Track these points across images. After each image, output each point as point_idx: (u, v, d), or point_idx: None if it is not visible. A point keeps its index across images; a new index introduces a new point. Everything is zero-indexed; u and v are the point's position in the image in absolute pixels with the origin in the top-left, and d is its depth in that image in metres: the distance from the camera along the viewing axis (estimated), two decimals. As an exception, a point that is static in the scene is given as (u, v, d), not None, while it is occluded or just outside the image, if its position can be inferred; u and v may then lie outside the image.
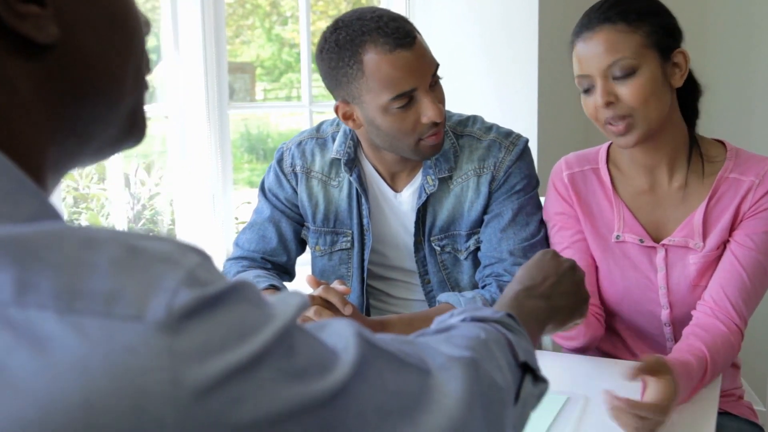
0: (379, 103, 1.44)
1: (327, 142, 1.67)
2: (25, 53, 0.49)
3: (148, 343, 0.39)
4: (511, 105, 2.30)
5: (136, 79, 0.58)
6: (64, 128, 0.53)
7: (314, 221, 1.67)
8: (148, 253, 0.43)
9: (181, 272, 0.42)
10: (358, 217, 1.64)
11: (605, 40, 1.36)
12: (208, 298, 0.42)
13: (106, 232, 0.43)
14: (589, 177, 1.54)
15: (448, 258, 1.64)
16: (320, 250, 1.69)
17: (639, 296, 1.50)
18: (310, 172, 1.66)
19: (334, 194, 1.65)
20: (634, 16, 1.36)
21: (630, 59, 1.34)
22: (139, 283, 0.41)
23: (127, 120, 0.58)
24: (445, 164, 1.59)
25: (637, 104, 1.35)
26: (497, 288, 1.53)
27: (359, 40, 1.42)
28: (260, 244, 1.69)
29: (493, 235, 1.58)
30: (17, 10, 0.48)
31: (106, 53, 0.54)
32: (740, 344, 1.40)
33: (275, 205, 1.69)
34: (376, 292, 1.74)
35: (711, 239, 1.44)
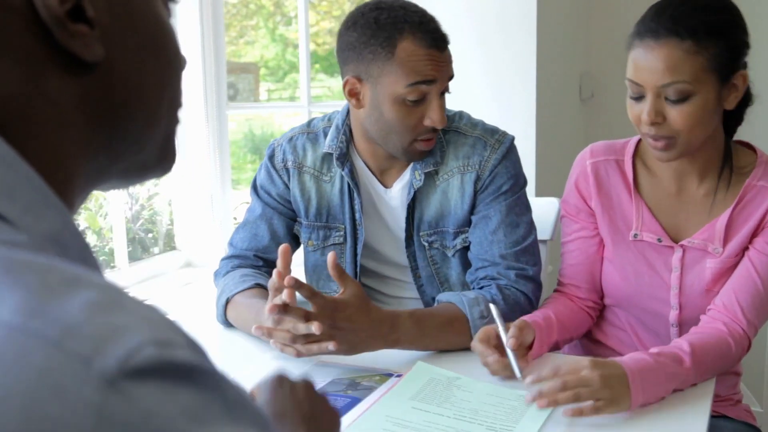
0: (396, 89, 1.46)
1: (318, 137, 1.67)
2: (70, 69, 0.51)
3: (81, 392, 0.36)
4: (509, 104, 2.29)
5: (169, 110, 0.60)
6: (97, 145, 0.54)
7: (307, 216, 1.67)
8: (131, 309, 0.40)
9: (156, 333, 0.39)
10: (350, 211, 1.65)
11: (668, 57, 1.30)
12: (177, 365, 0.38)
13: (100, 281, 0.41)
14: (612, 168, 1.52)
15: (437, 254, 1.64)
16: (313, 244, 1.69)
17: (650, 295, 1.49)
18: (302, 167, 1.66)
19: (326, 189, 1.66)
20: (704, 33, 1.29)
21: (687, 84, 1.30)
22: (104, 328, 0.37)
23: (157, 148, 0.60)
24: (431, 159, 1.59)
25: (683, 129, 1.32)
26: (497, 290, 1.53)
27: (401, 26, 1.45)
28: (252, 242, 1.69)
29: (483, 238, 1.58)
30: (69, 28, 0.50)
31: (145, 78, 0.56)
32: (744, 350, 1.38)
33: (267, 202, 1.69)
34: (369, 291, 1.74)
35: (731, 246, 1.42)
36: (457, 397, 1.26)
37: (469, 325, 1.45)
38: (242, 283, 1.57)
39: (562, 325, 1.47)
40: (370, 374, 1.37)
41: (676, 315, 1.47)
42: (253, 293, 1.54)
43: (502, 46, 2.30)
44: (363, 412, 1.19)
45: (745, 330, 1.37)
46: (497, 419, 1.19)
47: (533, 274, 1.57)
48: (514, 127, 1.91)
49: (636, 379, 1.20)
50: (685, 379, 1.26)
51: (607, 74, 2.77)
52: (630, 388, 1.19)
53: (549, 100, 2.38)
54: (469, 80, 2.35)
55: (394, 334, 1.39)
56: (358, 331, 1.34)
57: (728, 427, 1.51)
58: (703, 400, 1.26)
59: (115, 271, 2.01)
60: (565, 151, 2.62)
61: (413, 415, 1.20)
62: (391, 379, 1.34)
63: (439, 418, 1.19)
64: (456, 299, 1.49)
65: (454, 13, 2.28)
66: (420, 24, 1.46)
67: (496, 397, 1.26)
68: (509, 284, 1.55)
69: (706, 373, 1.31)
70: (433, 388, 1.29)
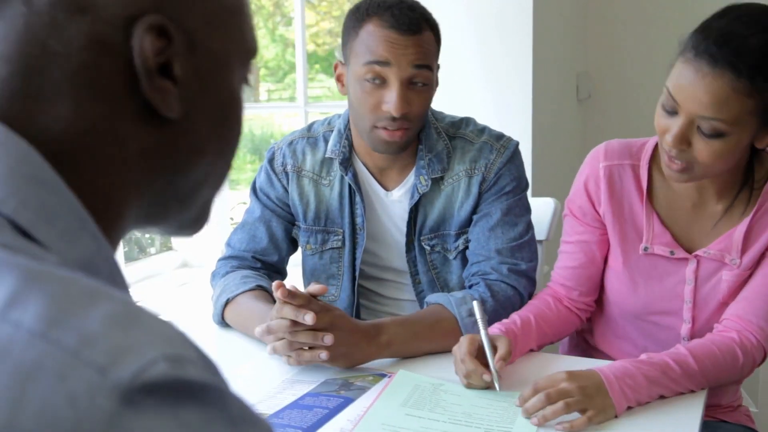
0: (357, 68, 1.48)
1: (318, 142, 1.67)
2: (146, 119, 0.54)
3: (95, 402, 0.37)
4: (506, 104, 2.29)
5: (219, 177, 0.63)
6: (150, 195, 0.57)
7: (305, 220, 1.67)
8: (148, 324, 0.41)
9: (169, 349, 0.40)
10: (350, 216, 1.64)
11: (717, 91, 1.20)
12: (184, 382, 0.40)
13: (120, 295, 0.43)
14: (627, 173, 1.44)
15: (437, 258, 1.64)
16: (311, 248, 1.69)
17: (661, 308, 1.44)
18: (301, 171, 1.67)
19: (325, 193, 1.66)
20: (764, 77, 1.19)
21: (725, 124, 1.21)
22: (122, 340, 0.39)
23: (198, 210, 0.63)
24: (438, 165, 1.60)
25: (705, 162, 1.26)
26: (485, 287, 1.52)
27: (372, 11, 1.48)
28: (251, 243, 1.69)
29: (481, 234, 1.59)
30: (155, 81, 0.53)
31: (209, 144, 0.59)
32: (755, 360, 1.32)
33: (266, 205, 1.70)
34: (367, 292, 1.74)
35: (749, 256, 1.36)
36: (447, 401, 1.25)
37: (459, 325, 1.45)
38: (244, 284, 1.57)
39: (542, 332, 1.45)
40: (363, 374, 1.36)
41: (688, 329, 1.43)
42: (255, 295, 1.54)
43: (498, 45, 2.30)
44: (358, 421, 1.19)
45: (759, 339, 1.31)
46: (493, 421, 1.19)
47: (526, 269, 1.57)
48: (511, 128, 1.91)
49: (613, 385, 1.19)
50: (675, 385, 1.25)
51: (604, 74, 2.77)
52: (610, 395, 1.18)
53: (546, 100, 2.38)
54: (466, 80, 2.35)
55: (382, 336, 1.39)
56: (346, 335, 1.34)
57: (727, 428, 1.50)
58: (694, 407, 1.24)
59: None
60: (563, 152, 2.62)
61: (409, 422, 1.19)
62: (384, 379, 1.34)
63: (434, 423, 1.18)
64: (444, 300, 1.49)
65: (451, 12, 2.28)
66: (390, 8, 1.47)
67: (485, 399, 1.26)
68: (500, 279, 1.55)
69: (705, 382, 1.28)
70: (421, 393, 1.28)
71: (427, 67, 1.49)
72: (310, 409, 1.23)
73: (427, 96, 1.53)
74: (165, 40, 0.53)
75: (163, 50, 0.53)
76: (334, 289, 1.70)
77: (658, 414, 1.22)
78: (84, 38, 0.51)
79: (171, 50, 0.54)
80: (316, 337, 1.32)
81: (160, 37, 0.53)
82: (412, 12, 1.48)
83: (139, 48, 0.52)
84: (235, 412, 0.43)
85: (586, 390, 1.17)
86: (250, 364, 1.43)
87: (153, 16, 0.52)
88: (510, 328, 1.39)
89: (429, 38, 1.50)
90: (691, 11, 2.68)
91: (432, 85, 1.53)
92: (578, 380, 1.18)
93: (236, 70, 0.61)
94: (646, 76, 2.53)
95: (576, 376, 1.19)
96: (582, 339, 1.65)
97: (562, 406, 1.15)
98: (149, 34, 0.52)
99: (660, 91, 1.29)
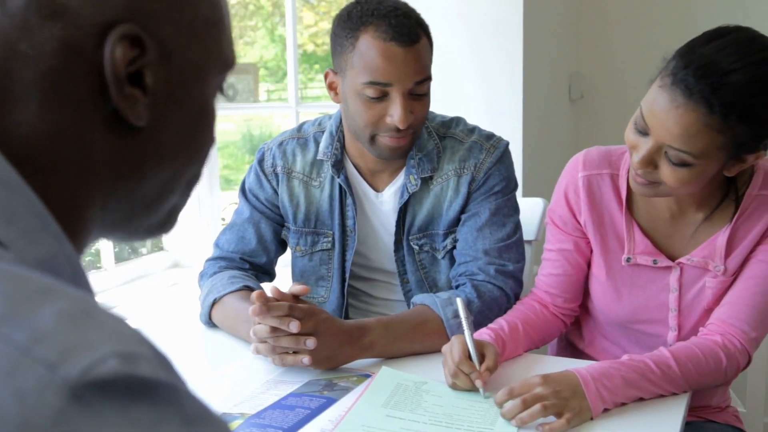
0: (356, 84, 1.46)
1: (308, 143, 1.67)
2: (113, 126, 0.54)
3: (43, 398, 0.36)
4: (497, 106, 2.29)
5: (188, 185, 0.63)
6: (116, 202, 0.57)
7: (295, 222, 1.67)
8: (101, 321, 0.41)
9: (122, 347, 0.40)
10: (340, 217, 1.64)
11: (688, 125, 1.18)
12: (136, 379, 0.39)
13: (75, 293, 0.43)
14: (606, 183, 1.43)
15: (426, 257, 1.64)
16: (301, 250, 1.69)
17: (647, 317, 1.44)
18: (291, 173, 1.66)
19: (315, 195, 1.65)
20: (737, 115, 1.16)
21: (691, 157, 1.20)
22: (73, 338, 0.39)
23: (165, 215, 0.63)
24: (428, 164, 1.59)
25: (670, 185, 1.25)
26: (472, 288, 1.52)
27: (365, 19, 1.45)
28: (239, 244, 1.69)
29: (469, 234, 1.58)
30: (124, 90, 0.53)
31: (179, 151, 0.59)
32: (739, 364, 1.32)
33: (255, 206, 1.69)
34: (356, 292, 1.74)
35: (733, 261, 1.36)
36: (428, 402, 1.25)
37: (444, 326, 1.45)
38: (231, 285, 1.57)
39: (529, 337, 1.45)
40: (347, 375, 1.37)
41: (674, 336, 1.42)
42: (241, 296, 1.54)
43: (489, 46, 2.30)
44: (338, 422, 1.19)
45: (743, 344, 1.31)
46: (474, 422, 1.19)
47: (513, 270, 1.57)
48: (502, 127, 1.91)
49: (590, 386, 1.19)
50: (654, 387, 1.24)
51: (596, 75, 2.77)
52: (586, 397, 1.18)
53: (537, 100, 2.38)
54: (457, 80, 2.35)
55: (365, 338, 1.39)
56: (329, 339, 1.34)
57: (714, 428, 1.50)
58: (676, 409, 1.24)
59: (102, 271, 2.01)
60: (555, 152, 2.61)
61: (389, 424, 1.19)
62: (368, 380, 1.34)
63: (415, 425, 1.18)
64: (429, 300, 1.49)
65: (442, 12, 2.28)
66: (385, 17, 1.44)
67: (466, 400, 1.26)
68: (487, 280, 1.54)
69: (686, 385, 1.27)
70: (402, 393, 1.28)
71: (428, 78, 1.49)
72: (292, 409, 1.23)
73: (427, 101, 1.53)
74: (138, 50, 0.53)
75: (135, 59, 0.53)
76: (324, 290, 1.70)
77: (640, 415, 1.22)
78: (56, 43, 0.51)
79: (144, 60, 0.54)
80: (298, 342, 1.32)
81: (134, 46, 0.53)
82: (408, 19, 1.46)
83: (110, 56, 0.52)
84: (189, 410, 0.42)
85: (561, 393, 1.17)
86: (237, 364, 1.43)
87: (127, 26, 0.52)
88: (498, 334, 1.39)
89: (425, 44, 1.49)
90: (683, 12, 2.69)
91: (429, 91, 1.53)
92: (553, 384, 1.18)
93: (211, 80, 0.61)
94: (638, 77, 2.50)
95: (550, 379, 1.19)
96: (570, 343, 1.64)
97: (539, 408, 1.15)
98: (122, 43, 0.52)
99: None
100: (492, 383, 1.28)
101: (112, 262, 2.01)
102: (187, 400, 0.42)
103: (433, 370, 1.35)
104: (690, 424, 1.49)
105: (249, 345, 1.43)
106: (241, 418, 1.20)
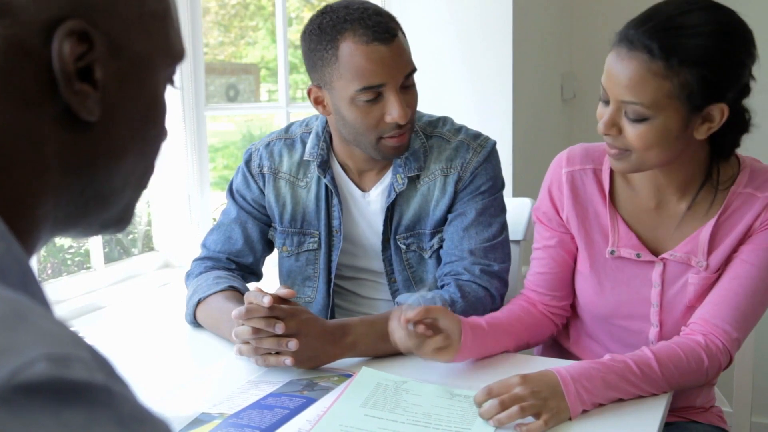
0: (348, 93, 1.46)
1: (295, 143, 1.67)
2: (63, 121, 0.54)
3: None
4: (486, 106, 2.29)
5: (141, 178, 0.63)
6: (68, 197, 0.56)
7: (281, 222, 1.67)
8: (34, 324, 0.41)
9: (54, 349, 0.39)
10: (326, 218, 1.64)
11: (632, 74, 1.22)
12: (67, 382, 0.38)
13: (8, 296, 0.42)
14: (589, 178, 1.45)
15: (413, 256, 1.64)
16: (287, 250, 1.69)
17: (629, 312, 1.44)
18: (278, 173, 1.66)
19: (301, 195, 1.65)
20: (679, 59, 1.19)
21: (644, 108, 1.22)
22: (3, 341, 0.38)
23: (121, 210, 0.63)
24: (415, 163, 1.59)
25: (637, 148, 1.26)
26: (456, 288, 1.52)
27: (340, 27, 1.44)
28: (226, 245, 1.69)
29: (455, 234, 1.58)
30: (74, 86, 0.53)
31: (130, 146, 0.59)
32: (720, 364, 1.32)
33: (242, 206, 1.70)
34: (343, 291, 1.74)
35: (715, 258, 1.36)
36: (408, 401, 1.25)
37: None
38: (216, 285, 1.57)
39: (516, 332, 1.45)
40: (328, 375, 1.37)
41: (656, 333, 1.43)
42: (226, 296, 1.54)
43: (479, 45, 2.30)
44: (316, 422, 1.19)
45: (725, 343, 1.31)
46: (451, 422, 1.19)
47: (498, 270, 1.57)
48: (491, 128, 1.91)
49: (569, 386, 1.19)
50: (634, 388, 1.23)
51: (589, 74, 2.75)
52: (565, 398, 1.18)
53: (527, 100, 2.38)
54: (447, 79, 2.35)
55: (348, 338, 1.39)
56: (311, 340, 1.34)
57: (698, 429, 1.50)
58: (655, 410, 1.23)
59: (91, 272, 2.01)
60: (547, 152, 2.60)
61: (367, 423, 1.19)
62: (349, 380, 1.34)
63: (393, 425, 1.18)
64: (413, 300, 1.48)
65: (432, 14, 2.27)
66: (360, 20, 1.44)
67: (446, 399, 1.26)
68: (472, 279, 1.54)
69: (667, 385, 1.26)
70: (382, 393, 1.28)
71: (414, 69, 1.50)
72: (271, 409, 1.23)
73: (415, 91, 1.54)
74: (86, 45, 0.53)
75: (84, 55, 0.53)
76: (310, 290, 1.70)
77: (619, 416, 1.21)
78: (2, 41, 0.51)
79: (92, 55, 0.54)
80: (280, 344, 1.33)
81: (81, 41, 0.53)
82: (381, 16, 1.46)
83: (57, 53, 0.52)
84: (125, 411, 0.41)
85: (540, 394, 1.17)
86: (220, 363, 1.44)
87: (74, 21, 0.52)
88: (477, 322, 1.39)
89: (402, 37, 1.50)
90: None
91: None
92: (531, 384, 1.18)
93: (160, 73, 0.61)
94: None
95: (529, 380, 1.19)
96: (555, 342, 1.64)
97: (517, 410, 1.15)
98: (69, 39, 0.52)
99: None
100: (473, 382, 1.28)
101: (101, 262, 2.02)
102: (123, 402, 0.41)
103: (414, 369, 1.35)
104: (673, 424, 1.49)
105: (233, 345, 1.43)
106: (220, 418, 1.20)
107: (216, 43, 6.65)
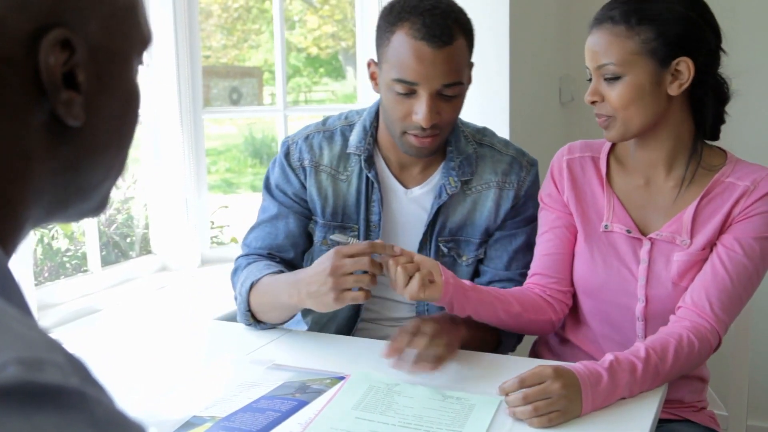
0: (388, 77, 1.48)
1: (335, 136, 1.67)
2: (50, 128, 0.54)
3: None
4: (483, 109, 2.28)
5: (120, 167, 0.64)
6: (51, 195, 0.57)
7: (323, 215, 1.66)
8: (8, 327, 0.41)
9: (26, 353, 0.39)
10: (365, 212, 1.64)
11: (600, 40, 1.40)
12: (39, 386, 0.38)
13: None
14: (588, 164, 1.57)
15: (448, 261, 1.64)
16: (327, 244, 1.66)
17: (617, 287, 1.50)
18: (319, 166, 1.66)
19: (342, 188, 1.65)
20: (637, 18, 1.37)
21: (615, 66, 1.38)
22: None
23: (100, 199, 0.64)
24: (468, 168, 1.62)
25: (617, 108, 1.40)
26: None
27: (403, 15, 1.46)
28: (267, 240, 1.68)
29: (504, 253, 1.64)
30: (61, 95, 0.53)
31: (112, 139, 0.60)
32: (711, 346, 1.38)
33: (282, 201, 1.68)
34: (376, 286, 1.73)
35: (699, 238, 1.44)
36: (399, 404, 1.26)
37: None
38: (267, 269, 1.57)
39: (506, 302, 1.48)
40: (321, 377, 1.37)
41: (642, 308, 1.48)
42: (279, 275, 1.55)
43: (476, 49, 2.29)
44: (307, 425, 1.19)
45: (714, 325, 1.37)
46: (442, 424, 1.19)
47: None
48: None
49: (587, 390, 1.21)
50: (638, 386, 1.27)
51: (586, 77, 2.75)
52: (581, 398, 1.20)
53: (525, 103, 2.37)
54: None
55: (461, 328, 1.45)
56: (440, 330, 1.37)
57: (689, 428, 1.51)
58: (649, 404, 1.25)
59: (88, 275, 2.01)
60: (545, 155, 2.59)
61: (358, 425, 1.19)
62: (341, 382, 1.34)
63: (384, 427, 1.19)
64: None
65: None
66: (422, 14, 1.44)
67: (437, 401, 1.26)
68: None
69: (665, 378, 1.31)
70: (374, 395, 1.28)
71: (459, 83, 1.49)
72: (263, 412, 1.23)
73: (458, 103, 1.53)
74: (68, 52, 0.53)
75: (66, 61, 0.53)
76: None
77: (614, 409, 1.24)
78: None
79: (74, 60, 0.54)
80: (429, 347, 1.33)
81: (64, 49, 0.53)
82: (444, 19, 1.45)
83: (44, 65, 0.52)
84: (99, 415, 0.41)
85: (566, 390, 1.19)
86: (211, 367, 1.44)
87: (57, 31, 0.52)
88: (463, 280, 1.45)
89: (460, 46, 1.48)
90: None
91: (463, 94, 1.53)
92: (562, 379, 1.20)
93: (133, 62, 0.62)
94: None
95: (560, 374, 1.21)
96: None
97: (529, 410, 1.18)
98: (53, 50, 0.52)
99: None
100: (464, 384, 1.29)
101: (98, 265, 2.02)
102: (97, 406, 0.41)
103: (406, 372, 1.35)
104: (667, 421, 1.51)
105: (230, 347, 1.42)
106: (211, 421, 1.21)
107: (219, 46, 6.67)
